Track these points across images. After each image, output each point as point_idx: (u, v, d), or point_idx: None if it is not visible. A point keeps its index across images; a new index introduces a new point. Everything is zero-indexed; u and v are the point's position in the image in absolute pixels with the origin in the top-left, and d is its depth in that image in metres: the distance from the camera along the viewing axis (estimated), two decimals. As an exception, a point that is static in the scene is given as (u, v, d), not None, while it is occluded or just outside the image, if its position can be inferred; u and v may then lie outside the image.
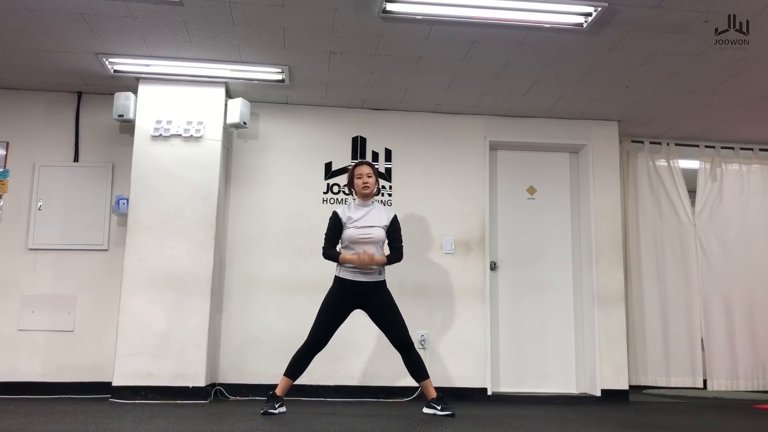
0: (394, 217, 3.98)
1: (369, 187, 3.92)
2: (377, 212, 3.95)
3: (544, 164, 5.46)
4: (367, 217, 3.90)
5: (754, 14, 3.54)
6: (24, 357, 4.62)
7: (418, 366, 3.85)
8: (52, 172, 4.86)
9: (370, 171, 3.96)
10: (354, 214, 3.91)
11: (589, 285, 5.16)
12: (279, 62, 4.36)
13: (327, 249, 3.91)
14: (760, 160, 5.82)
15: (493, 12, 3.65)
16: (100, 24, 3.86)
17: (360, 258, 3.77)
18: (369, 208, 3.95)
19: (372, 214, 3.93)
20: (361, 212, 3.92)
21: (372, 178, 3.94)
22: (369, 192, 3.94)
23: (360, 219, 3.89)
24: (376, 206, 4.00)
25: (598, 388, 4.96)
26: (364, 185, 3.92)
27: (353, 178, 3.98)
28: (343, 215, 3.92)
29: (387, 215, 3.96)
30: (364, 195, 3.94)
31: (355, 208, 3.95)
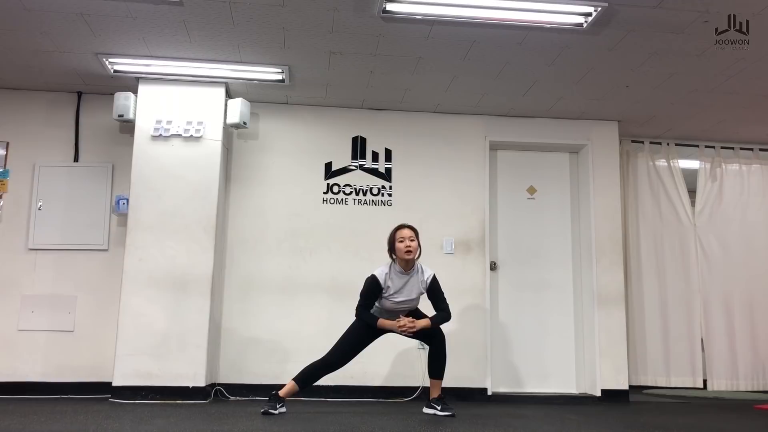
0: (433, 279, 3.89)
1: (412, 252, 3.79)
2: (415, 282, 3.87)
3: (544, 164, 5.46)
4: (405, 289, 3.84)
5: (754, 14, 3.54)
6: (24, 357, 4.62)
7: (441, 363, 3.87)
8: (52, 172, 4.86)
9: (412, 234, 3.84)
10: (393, 285, 3.82)
11: (589, 285, 5.16)
12: (279, 62, 4.36)
13: (363, 311, 3.84)
14: (760, 160, 5.82)
15: (493, 12, 3.64)
16: (100, 24, 3.86)
17: (399, 326, 3.77)
18: (408, 277, 3.86)
19: (410, 285, 3.85)
20: (400, 282, 3.83)
21: (414, 242, 3.82)
22: (412, 257, 3.81)
23: (398, 291, 3.83)
24: (415, 275, 3.88)
25: (598, 388, 4.96)
26: (407, 249, 3.78)
27: (394, 242, 3.85)
28: (383, 283, 3.80)
29: (425, 282, 3.88)
30: (406, 260, 3.82)
31: (395, 276, 3.84)
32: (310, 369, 3.84)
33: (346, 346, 3.84)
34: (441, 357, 3.88)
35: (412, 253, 3.80)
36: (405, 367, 4.82)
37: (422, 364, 4.46)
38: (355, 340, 3.85)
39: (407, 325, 3.76)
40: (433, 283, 3.89)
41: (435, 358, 3.88)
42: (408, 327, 3.76)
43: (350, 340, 3.85)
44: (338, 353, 3.83)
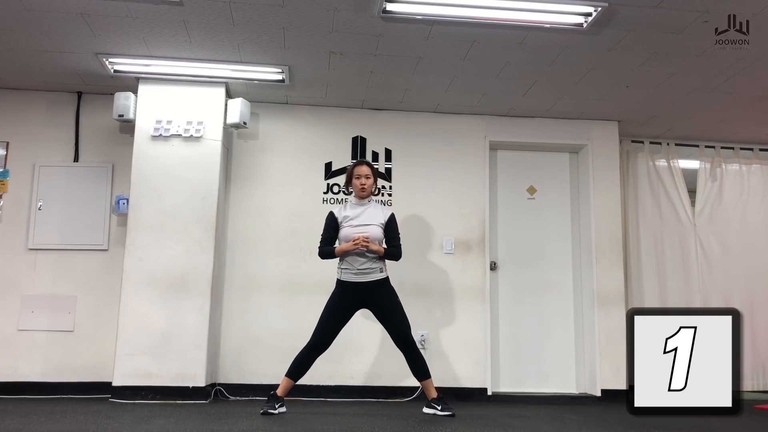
0: (391, 215, 3.98)
1: (366, 188, 3.93)
2: (374, 210, 3.95)
3: (544, 164, 5.46)
4: (363, 215, 3.90)
5: (754, 14, 3.54)
6: (24, 357, 4.62)
7: (420, 365, 3.85)
8: (52, 172, 4.86)
9: (368, 171, 3.96)
10: (350, 213, 3.92)
11: (589, 285, 5.16)
12: (279, 62, 4.36)
13: (322, 247, 3.93)
14: (760, 160, 5.81)
15: (493, 12, 3.64)
16: (100, 24, 3.85)
17: (355, 241, 3.76)
18: (365, 207, 3.95)
19: (368, 212, 3.93)
20: (357, 211, 3.92)
21: (370, 179, 3.95)
22: (366, 193, 3.94)
23: (356, 218, 3.89)
24: (373, 205, 4.00)
25: (598, 388, 4.95)
26: (361, 186, 3.93)
27: (351, 178, 3.99)
28: (339, 214, 3.94)
29: (384, 213, 3.96)
30: (361, 195, 3.95)
31: (351, 207, 3.97)
32: (298, 358, 3.82)
33: (327, 324, 3.82)
34: (416, 358, 3.85)
35: (366, 191, 3.94)
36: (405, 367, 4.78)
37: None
38: (333, 316, 3.83)
39: (361, 238, 3.76)
40: (391, 219, 3.96)
41: (412, 362, 3.85)
42: (363, 240, 3.75)
43: (329, 318, 3.83)
44: (321, 334, 3.81)
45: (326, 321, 3.83)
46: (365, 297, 3.84)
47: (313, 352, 3.81)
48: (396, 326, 3.83)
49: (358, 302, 3.86)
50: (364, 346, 4.81)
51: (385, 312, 3.85)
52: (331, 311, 3.85)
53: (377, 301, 3.85)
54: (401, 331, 3.83)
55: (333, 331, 3.83)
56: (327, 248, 3.92)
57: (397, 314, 3.85)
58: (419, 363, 3.85)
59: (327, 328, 3.82)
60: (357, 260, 3.81)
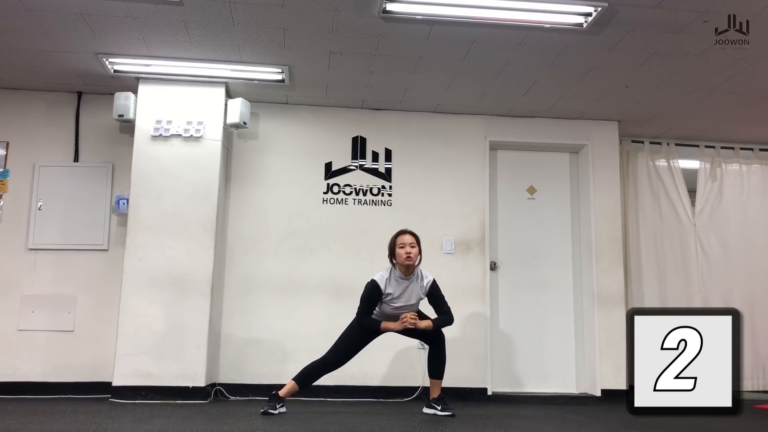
0: (433, 283, 3.88)
1: (412, 259, 3.78)
2: (415, 287, 3.86)
3: (544, 164, 5.46)
4: (404, 294, 3.83)
5: (754, 14, 3.54)
6: (24, 357, 4.62)
7: (440, 364, 3.89)
8: (52, 172, 4.86)
9: (413, 241, 3.82)
10: (393, 291, 3.81)
11: (589, 285, 5.16)
12: (279, 62, 4.36)
13: (363, 318, 3.81)
14: (760, 160, 5.81)
15: (493, 12, 3.65)
16: (100, 24, 3.85)
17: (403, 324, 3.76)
18: (408, 283, 3.84)
19: (410, 290, 3.84)
20: (400, 288, 3.82)
21: (415, 249, 3.80)
22: (412, 263, 3.79)
23: (398, 297, 3.82)
24: (414, 280, 3.86)
25: (598, 388, 4.95)
26: (407, 256, 3.76)
27: (395, 248, 3.83)
28: (383, 288, 3.79)
29: (425, 287, 3.87)
30: (406, 266, 3.80)
31: (395, 282, 3.82)
32: (309, 368, 3.84)
33: (346, 346, 3.84)
34: (441, 357, 3.89)
35: (413, 260, 3.79)
36: (405, 367, 4.82)
37: (422, 364, 4.46)
38: (354, 339, 3.85)
39: (409, 320, 3.75)
40: (433, 288, 3.88)
41: (435, 358, 3.89)
42: (410, 321, 3.75)
43: (350, 340, 3.85)
44: (338, 352, 3.84)
45: (347, 344, 3.85)
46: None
47: (327, 368, 3.85)
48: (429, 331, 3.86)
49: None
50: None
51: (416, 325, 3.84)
52: (355, 337, 3.85)
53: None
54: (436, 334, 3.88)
55: (352, 353, 3.87)
56: (371, 321, 3.82)
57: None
58: (440, 361, 3.88)
59: (347, 350, 3.85)
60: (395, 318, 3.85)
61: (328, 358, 3.84)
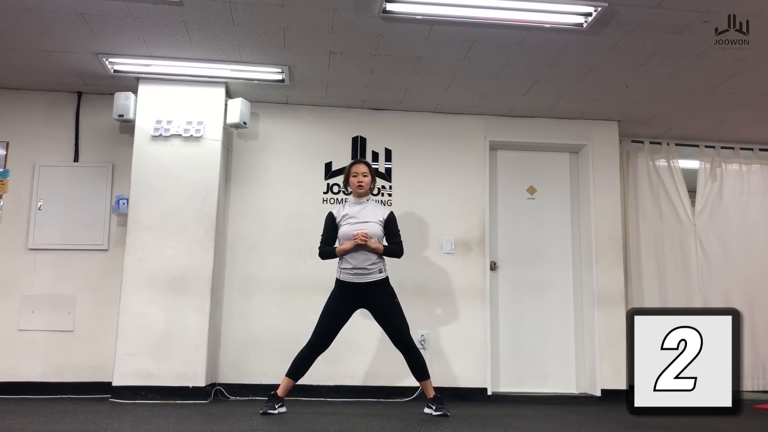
0: (391, 213, 3.98)
1: (363, 186, 3.93)
2: (372, 209, 3.96)
3: (544, 164, 5.46)
4: (361, 213, 3.91)
5: (754, 14, 3.54)
6: (24, 357, 4.62)
7: (419, 366, 3.85)
8: (52, 172, 4.86)
9: (365, 170, 3.97)
10: (349, 211, 3.92)
11: (589, 285, 5.16)
12: (279, 62, 4.36)
13: (322, 247, 3.95)
14: (760, 160, 5.81)
15: (493, 12, 3.64)
16: (100, 24, 3.85)
17: (355, 238, 3.76)
18: (364, 205, 3.95)
19: (367, 210, 3.93)
20: (355, 209, 3.93)
21: (367, 177, 3.95)
22: (363, 191, 3.95)
23: (355, 215, 3.89)
24: (372, 203, 4.01)
25: (598, 388, 4.95)
26: (358, 183, 3.93)
27: (349, 176, 4.00)
28: (337, 214, 3.95)
29: (383, 211, 3.96)
30: (358, 194, 3.95)
31: (349, 206, 3.98)
32: (298, 358, 3.82)
33: (327, 324, 3.82)
34: (416, 360, 3.85)
35: (364, 187, 3.93)
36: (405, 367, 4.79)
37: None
38: (333, 315, 3.83)
39: (360, 235, 3.76)
40: (390, 217, 3.96)
41: (411, 363, 3.85)
42: (361, 237, 3.75)
43: (329, 314, 3.83)
44: (320, 333, 3.81)
45: (326, 321, 3.83)
46: (364, 297, 3.84)
47: (313, 352, 3.81)
48: (395, 327, 3.83)
49: (357, 302, 3.86)
50: (363, 346, 4.81)
51: (384, 313, 3.85)
52: (330, 311, 3.85)
53: (376, 302, 3.85)
54: (400, 333, 3.83)
55: (332, 330, 3.83)
56: (327, 248, 3.93)
57: (395, 315, 3.84)
58: (418, 364, 3.85)
59: (326, 327, 3.82)
60: (356, 258, 3.81)
61: (313, 341, 3.81)
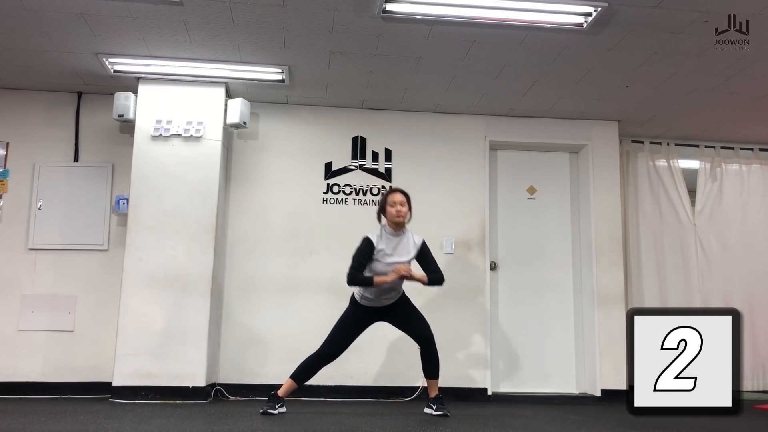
0: (423, 243, 3.89)
1: (402, 217, 3.79)
2: (406, 244, 3.85)
3: (544, 164, 5.46)
4: (396, 250, 3.81)
5: (754, 14, 3.54)
6: (24, 357, 4.61)
7: (434, 363, 3.87)
8: (52, 172, 4.85)
9: (403, 199, 3.82)
10: (385, 246, 3.78)
11: (589, 285, 5.16)
12: (279, 62, 4.36)
13: (356, 273, 3.74)
14: (760, 160, 5.81)
15: (493, 12, 3.65)
16: (100, 24, 3.86)
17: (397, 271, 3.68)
18: (399, 239, 3.83)
19: (401, 247, 3.83)
20: (391, 244, 3.80)
21: (405, 207, 3.80)
22: (402, 220, 3.80)
23: (390, 254, 3.78)
24: (406, 237, 3.87)
25: (598, 388, 4.95)
26: (397, 213, 3.77)
27: (386, 206, 3.83)
28: (376, 244, 3.77)
29: (416, 243, 3.87)
30: (396, 224, 3.80)
31: (386, 238, 3.80)
32: (306, 363, 3.82)
33: (341, 335, 3.82)
34: (433, 357, 3.87)
35: (402, 218, 3.80)
36: (405, 367, 4.82)
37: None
38: (348, 328, 3.83)
39: (403, 269, 3.68)
40: (424, 247, 3.89)
41: (427, 358, 3.87)
42: (405, 270, 3.69)
43: (344, 329, 3.83)
44: (333, 343, 3.81)
45: (340, 333, 3.83)
46: (384, 314, 3.88)
47: (323, 360, 3.83)
48: (416, 328, 3.86)
49: (374, 319, 3.89)
50: (363, 346, 4.77)
51: (405, 320, 3.88)
52: (345, 326, 3.85)
53: (395, 315, 3.88)
54: (422, 331, 3.86)
55: (346, 343, 3.85)
56: (363, 277, 3.73)
57: (416, 318, 3.89)
58: (433, 361, 3.87)
59: (341, 340, 3.82)
60: (386, 291, 3.80)
61: (324, 350, 3.81)
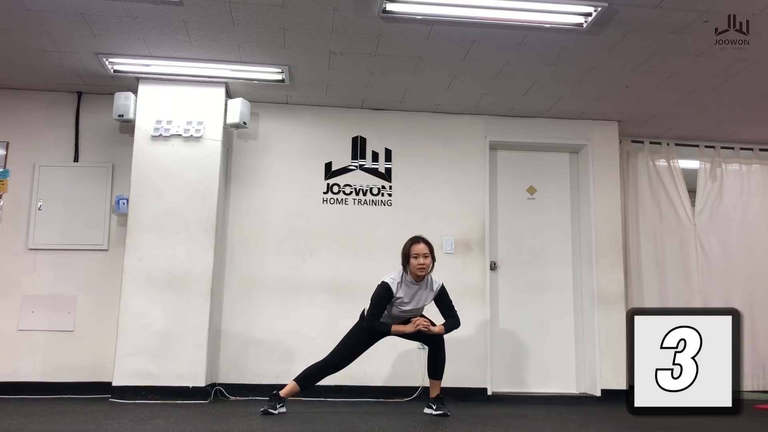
0: (442, 287, 3.89)
1: (425, 269, 3.77)
2: (424, 292, 3.86)
3: (544, 164, 5.46)
4: (414, 299, 3.82)
5: (754, 14, 3.54)
6: (24, 357, 4.61)
7: (440, 364, 3.89)
8: (52, 172, 4.85)
9: (427, 251, 3.79)
10: (404, 295, 3.79)
11: (589, 285, 5.16)
12: (279, 62, 4.36)
13: (374, 321, 3.78)
14: (760, 160, 5.81)
15: (493, 12, 3.65)
16: (100, 24, 3.85)
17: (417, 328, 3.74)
18: (418, 288, 3.84)
19: (419, 295, 3.84)
20: (410, 292, 3.81)
21: (428, 258, 3.78)
22: (425, 273, 3.79)
23: (408, 302, 3.81)
24: (424, 286, 3.86)
25: (598, 388, 4.95)
26: (420, 266, 3.75)
27: (409, 257, 3.79)
28: (395, 291, 3.77)
29: (434, 290, 3.87)
30: (419, 276, 3.79)
31: (405, 287, 3.80)
32: (312, 370, 3.84)
33: (349, 348, 3.84)
34: (441, 359, 3.89)
35: (425, 271, 3.79)
36: (405, 367, 4.82)
37: (422, 365, 4.45)
38: (358, 342, 3.85)
39: (422, 324, 3.75)
40: (442, 292, 3.89)
41: (434, 359, 3.89)
42: (424, 325, 3.76)
43: (353, 342, 3.85)
44: (341, 355, 3.83)
45: (349, 348, 3.85)
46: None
47: (329, 370, 3.85)
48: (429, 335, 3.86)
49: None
50: (364, 346, 4.80)
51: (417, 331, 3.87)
52: (356, 341, 3.86)
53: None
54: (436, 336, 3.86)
55: (354, 356, 3.87)
56: (381, 325, 3.79)
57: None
58: (440, 362, 3.89)
59: (349, 353, 3.85)
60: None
61: (331, 360, 3.84)
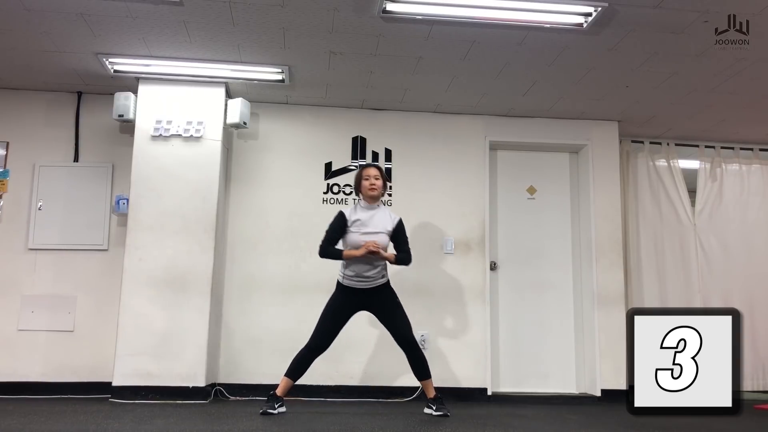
0: (399, 221, 3.93)
1: (376, 189, 3.88)
2: (382, 217, 3.90)
3: (544, 164, 5.46)
4: (371, 221, 3.84)
5: (754, 14, 3.54)
6: (24, 357, 4.61)
7: (421, 365, 3.85)
8: (52, 172, 4.86)
9: (377, 173, 3.92)
10: (360, 217, 3.85)
11: (589, 285, 5.16)
12: (279, 62, 4.36)
13: (326, 246, 3.83)
14: (760, 160, 5.81)
15: (493, 12, 3.65)
16: (100, 24, 3.86)
17: (367, 247, 3.70)
18: (374, 211, 3.90)
19: (377, 218, 3.87)
20: (366, 215, 3.86)
21: (379, 180, 3.91)
22: (376, 194, 3.89)
23: (365, 224, 3.82)
24: (382, 210, 3.95)
25: (598, 388, 4.95)
26: (371, 186, 3.87)
27: (360, 180, 3.94)
28: (349, 217, 3.85)
29: (392, 220, 3.91)
30: (370, 197, 3.89)
31: (360, 210, 3.90)
32: (297, 359, 3.82)
33: (327, 326, 3.81)
34: (418, 358, 3.85)
35: (376, 191, 3.89)
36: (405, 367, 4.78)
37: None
38: (333, 317, 3.83)
39: (371, 245, 3.69)
40: (400, 225, 3.93)
41: (414, 361, 3.86)
42: (373, 245, 3.70)
43: (329, 319, 3.83)
44: (320, 335, 3.80)
45: (326, 322, 3.83)
46: (366, 300, 3.85)
47: (313, 353, 3.81)
48: (398, 327, 3.84)
49: (359, 305, 3.87)
50: (363, 346, 4.81)
51: (388, 314, 3.86)
52: (330, 313, 3.84)
53: (379, 304, 3.86)
54: (404, 333, 3.84)
55: (332, 332, 3.83)
56: (332, 249, 3.83)
57: (399, 316, 3.85)
58: (420, 363, 3.85)
59: (327, 329, 3.81)
60: (364, 267, 3.78)
61: (312, 343, 3.81)
